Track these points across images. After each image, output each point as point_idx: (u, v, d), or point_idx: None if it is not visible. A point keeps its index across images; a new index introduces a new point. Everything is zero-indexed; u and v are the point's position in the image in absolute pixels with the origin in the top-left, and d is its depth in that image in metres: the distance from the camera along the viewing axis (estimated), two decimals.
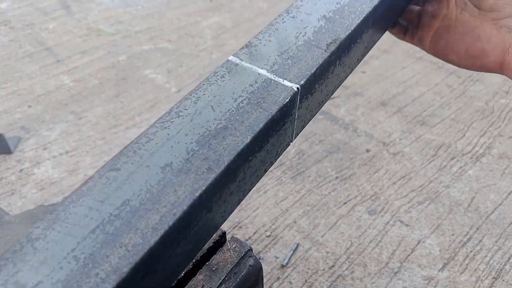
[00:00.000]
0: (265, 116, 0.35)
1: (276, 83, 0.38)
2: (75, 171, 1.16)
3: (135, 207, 0.30)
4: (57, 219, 0.29)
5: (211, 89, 0.37)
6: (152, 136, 0.34)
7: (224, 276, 0.36)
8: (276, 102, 0.36)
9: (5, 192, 1.09)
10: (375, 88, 1.51)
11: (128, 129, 1.30)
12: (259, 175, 0.39)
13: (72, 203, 0.30)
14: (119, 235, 0.28)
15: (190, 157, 0.33)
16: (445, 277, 0.98)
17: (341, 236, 1.04)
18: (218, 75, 0.38)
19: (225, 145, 0.33)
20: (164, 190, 0.31)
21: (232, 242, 0.38)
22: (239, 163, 0.34)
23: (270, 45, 0.41)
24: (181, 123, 0.35)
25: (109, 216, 0.29)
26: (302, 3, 0.46)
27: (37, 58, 1.56)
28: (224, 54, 1.64)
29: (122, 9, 1.87)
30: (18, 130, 1.27)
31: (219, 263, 0.36)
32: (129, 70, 1.53)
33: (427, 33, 0.57)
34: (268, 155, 0.39)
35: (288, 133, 0.41)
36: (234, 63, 0.39)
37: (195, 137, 0.34)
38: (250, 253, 0.38)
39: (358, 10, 0.45)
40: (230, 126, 0.35)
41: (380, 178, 1.19)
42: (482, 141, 1.33)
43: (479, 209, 1.13)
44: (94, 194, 0.30)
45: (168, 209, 0.30)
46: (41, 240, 0.28)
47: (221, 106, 0.36)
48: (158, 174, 0.31)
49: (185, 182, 0.31)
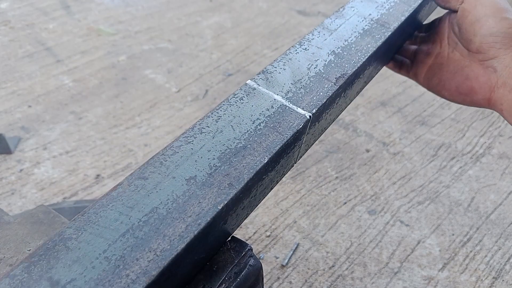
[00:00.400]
0: (280, 139, 0.38)
1: (291, 110, 0.41)
2: (75, 171, 1.16)
3: (163, 214, 0.32)
4: (88, 221, 0.30)
5: (231, 109, 0.40)
6: (177, 149, 0.36)
7: (224, 276, 0.36)
8: (290, 127, 0.40)
9: (5, 192, 1.09)
10: (375, 88, 1.51)
11: (128, 129, 1.30)
12: (267, 192, 0.42)
13: (103, 207, 0.31)
14: (148, 240, 0.30)
15: (212, 172, 0.35)
16: (445, 277, 0.98)
17: (341, 236, 1.04)
18: (237, 97, 0.42)
19: (245, 163, 0.36)
20: (189, 201, 0.33)
21: (232, 242, 0.38)
22: (255, 181, 0.37)
23: (284, 73, 0.45)
24: (203, 139, 0.37)
25: (138, 221, 0.31)
26: (313, 37, 0.50)
27: (37, 58, 1.56)
28: (224, 54, 1.64)
29: (122, 9, 1.87)
30: (18, 130, 1.27)
31: (219, 263, 0.37)
32: (129, 70, 1.53)
33: (422, 70, 0.61)
34: (276, 175, 0.42)
35: (295, 155, 0.45)
36: (252, 87, 0.43)
37: (217, 154, 0.36)
38: (250, 253, 0.38)
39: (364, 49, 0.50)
40: (249, 146, 0.37)
41: (380, 178, 1.19)
42: (482, 141, 1.33)
43: (479, 209, 1.13)
44: (123, 200, 0.32)
45: (193, 219, 0.32)
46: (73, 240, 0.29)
47: (240, 127, 0.39)
48: (183, 186, 0.34)
49: (209, 195, 0.33)
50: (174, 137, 1.28)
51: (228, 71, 1.56)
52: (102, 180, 1.13)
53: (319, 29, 0.52)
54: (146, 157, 1.21)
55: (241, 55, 1.65)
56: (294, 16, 1.93)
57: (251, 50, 1.68)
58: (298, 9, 1.99)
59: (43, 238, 0.48)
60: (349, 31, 0.52)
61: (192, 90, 1.46)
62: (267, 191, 0.42)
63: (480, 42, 0.51)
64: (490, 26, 0.50)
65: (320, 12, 1.98)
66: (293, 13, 1.95)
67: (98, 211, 0.31)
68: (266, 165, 0.37)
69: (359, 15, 0.55)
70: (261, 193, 0.41)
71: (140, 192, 0.33)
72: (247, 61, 1.61)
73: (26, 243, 0.47)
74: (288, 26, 1.85)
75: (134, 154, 1.21)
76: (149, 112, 1.36)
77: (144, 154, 1.22)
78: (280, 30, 1.81)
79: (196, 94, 1.45)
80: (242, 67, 1.59)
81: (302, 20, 1.90)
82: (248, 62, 1.61)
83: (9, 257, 0.46)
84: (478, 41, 0.51)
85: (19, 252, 0.46)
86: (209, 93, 1.46)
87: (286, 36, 1.77)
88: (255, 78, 0.44)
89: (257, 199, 0.41)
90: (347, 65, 0.47)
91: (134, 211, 0.31)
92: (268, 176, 0.39)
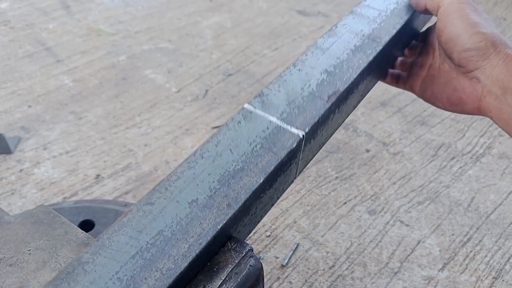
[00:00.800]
0: (275, 159, 0.41)
1: (285, 130, 0.43)
2: (75, 171, 1.16)
3: (168, 236, 0.35)
4: (103, 245, 0.34)
5: (229, 134, 0.43)
6: (180, 175, 0.39)
7: (225, 276, 0.36)
8: (285, 147, 0.42)
9: (5, 192, 1.09)
10: (375, 88, 1.50)
11: (128, 129, 1.30)
12: (268, 209, 0.45)
13: (115, 232, 0.35)
14: (155, 260, 0.33)
15: (212, 194, 0.38)
16: (445, 277, 0.98)
17: (341, 236, 1.04)
18: (235, 121, 0.45)
19: (242, 184, 0.39)
20: (191, 223, 0.36)
21: (233, 242, 0.38)
22: (253, 200, 0.39)
23: (279, 95, 0.47)
24: (204, 164, 0.40)
25: (146, 244, 0.34)
26: (307, 57, 0.52)
27: (37, 58, 1.56)
28: (224, 54, 1.64)
29: (122, 9, 1.87)
30: (18, 130, 1.27)
31: (220, 263, 0.37)
32: (129, 70, 1.53)
33: (416, 82, 0.63)
34: (275, 192, 0.45)
35: (293, 172, 0.47)
36: (249, 111, 0.46)
37: (217, 177, 0.39)
38: (251, 253, 0.38)
39: (355, 65, 0.51)
40: (246, 167, 0.40)
41: (380, 178, 1.20)
42: (482, 141, 1.33)
43: (479, 209, 1.13)
44: (133, 225, 0.36)
45: (195, 239, 0.35)
46: (90, 263, 0.33)
47: (238, 149, 0.42)
48: (186, 209, 0.37)
49: (209, 216, 0.36)
50: (174, 137, 1.28)
51: (228, 71, 1.56)
52: (102, 180, 1.13)
53: (312, 49, 0.54)
54: (146, 157, 1.21)
55: (241, 55, 1.65)
56: (294, 16, 1.93)
57: (251, 50, 1.68)
58: (298, 9, 1.99)
59: (43, 238, 0.48)
60: (341, 48, 0.53)
61: (192, 90, 1.46)
62: (268, 208, 0.44)
63: (458, 58, 0.52)
64: (463, 42, 0.51)
65: (320, 12, 1.98)
66: (293, 13, 1.95)
67: (111, 236, 0.35)
68: (263, 185, 0.40)
69: (351, 32, 0.56)
70: (262, 210, 0.43)
71: (147, 217, 0.36)
72: (247, 61, 1.61)
73: (26, 243, 0.47)
74: (288, 26, 1.85)
75: (134, 154, 1.21)
76: (149, 112, 1.36)
77: (144, 154, 1.22)
78: (280, 30, 1.81)
79: (196, 94, 1.45)
80: (242, 67, 1.59)
81: (302, 20, 1.90)
82: (248, 62, 1.61)
83: (9, 257, 0.46)
84: (456, 57, 0.52)
85: (19, 252, 0.46)
86: (209, 93, 1.46)
87: (286, 36, 1.77)
88: (252, 101, 0.46)
89: (258, 215, 0.43)
90: (338, 82, 0.49)
91: (142, 234, 0.35)
92: (266, 194, 0.42)
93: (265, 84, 1.51)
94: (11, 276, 0.44)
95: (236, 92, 1.46)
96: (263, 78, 1.54)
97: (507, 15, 2.04)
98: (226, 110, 1.39)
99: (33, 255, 0.46)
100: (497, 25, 1.97)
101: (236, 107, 1.40)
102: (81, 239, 0.48)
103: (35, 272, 0.45)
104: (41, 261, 0.46)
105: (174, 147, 1.25)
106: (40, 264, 0.45)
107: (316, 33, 1.81)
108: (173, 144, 1.25)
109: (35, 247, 0.47)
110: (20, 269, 0.45)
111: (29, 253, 0.46)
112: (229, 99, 1.43)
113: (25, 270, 0.45)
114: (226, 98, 1.44)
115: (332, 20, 1.92)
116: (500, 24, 1.97)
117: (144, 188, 1.12)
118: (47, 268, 0.45)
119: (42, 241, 0.48)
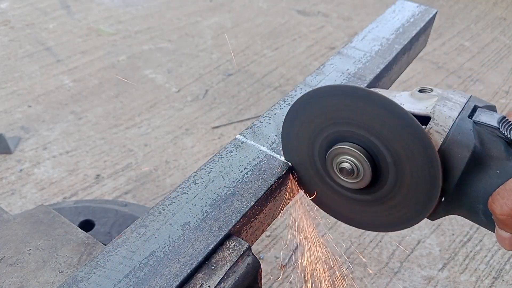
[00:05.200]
0: (265, 185, 0.43)
1: (275, 158, 0.46)
2: (75, 171, 1.16)
3: (160, 257, 0.36)
4: (97, 265, 0.35)
5: (221, 161, 0.45)
6: (174, 199, 0.42)
7: (223, 274, 0.36)
8: (274, 173, 0.45)
9: (5, 192, 1.09)
10: None
11: (128, 129, 1.30)
12: (258, 234, 0.47)
13: (110, 252, 0.36)
14: (148, 279, 0.35)
15: (204, 217, 0.40)
16: (445, 277, 0.98)
17: (341, 236, 1.04)
18: (227, 150, 0.47)
19: (233, 208, 0.41)
20: (183, 244, 0.38)
21: (231, 241, 0.38)
22: (243, 224, 0.41)
23: (269, 127, 0.50)
24: (197, 189, 0.43)
25: (139, 264, 0.36)
26: (296, 93, 0.55)
27: (37, 58, 1.56)
28: (224, 54, 1.64)
29: (122, 9, 1.87)
30: (18, 130, 1.27)
31: (218, 262, 0.37)
32: (129, 70, 1.53)
33: None
34: (266, 217, 0.46)
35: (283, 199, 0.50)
36: (241, 141, 0.48)
37: (209, 201, 0.41)
38: (249, 252, 0.38)
39: None
40: (237, 193, 0.42)
41: None
42: None
43: None
44: (127, 245, 0.37)
45: (186, 259, 0.36)
46: (84, 281, 0.34)
47: (229, 176, 0.44)
48: (178, 231, 0.39)
49: (200, 238, 0.38)
50: (174, 137, 1.28)
51: (228, 71, 1.56)
52: (102, 180, 1.13)
53: (301, 85, 0.57)
54: (146, 157, 1.21)
55: (241, 55, 1.65)
56: (294, 16, 1.93)
57: (251, 50, 1.68)
58: (298, 9, 1.99)
59: (43, 238, 0.48)
60: None
61: (192, 90, 1.46)
62: (258, 233, 0.46)
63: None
64: None
65: (320, 12, 1.98)
66: (293, 13, 1.95)
67: (105, 256, 0.36)
68: (253, 209, 0.42)
69: (337, 71, 0.60)
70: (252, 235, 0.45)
71: (141, 238, 0.38)
72: (247, 61, 1.62)
73: (26, 243, 0.47)
74: (288, 26, 1.85)
75: (134, 154, 1.21)
76: (149, 112, 1.36)
77: (144, 154, 1.22)
78: (280, 30, 1.81)
79: (196, 94, 1.45)
80: (242, 67, 1.59)
81: (302, 20, 1.90)
82: (248, 62, 1.61)
83: (9, 257, 0.46)
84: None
85: (19, 252, 0.46)
86: (209, 93, 1.46)
87: (286, 36, 1.77)
88: (244, 132, 0.50)
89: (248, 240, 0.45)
90: None
91: (136, 255, 0.36)
92: (257, 219, 0.44)
93: (265, 84, 1.51)
94: (11, 276, 0.44)
95: (236, 92, 1.46)
96: (263, 78, 1.54)
97: (507, 15, 2.04)
98: (226, 110, 1.39)
99: (33, 255, 0.46)
100: (497, 25, 1.97)
101: (236, 107, 1.40)
102: (81, 239, 0.48)
103: (35, 272, 0.45)
104: (41, 261, 0.46)
105: (174, 147, 1.25)
106: (40, 264, 0.45)
107: (316, 33, 1.81)
108: (173, 144, 1.26)
109: (35, 247, 0.47)
110: (20, 269, 0.45)
111: (29, 253, 0.46)
112: (229, 99, 1.43)
113: (25, 270, 0.45)
114: (226, 98, 1.44)
115: (332, 20, 1.92)
116: (500, 24, 1.97)
117: (144, 188, 1.12)
118: (47, 268, 0.45)
119: (42, 241, 0.48)
